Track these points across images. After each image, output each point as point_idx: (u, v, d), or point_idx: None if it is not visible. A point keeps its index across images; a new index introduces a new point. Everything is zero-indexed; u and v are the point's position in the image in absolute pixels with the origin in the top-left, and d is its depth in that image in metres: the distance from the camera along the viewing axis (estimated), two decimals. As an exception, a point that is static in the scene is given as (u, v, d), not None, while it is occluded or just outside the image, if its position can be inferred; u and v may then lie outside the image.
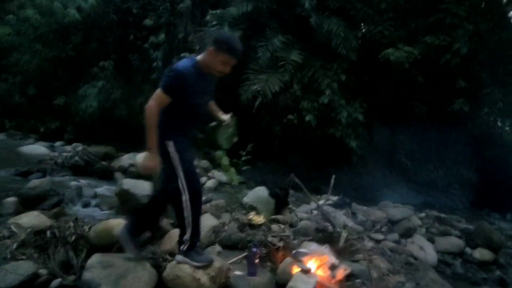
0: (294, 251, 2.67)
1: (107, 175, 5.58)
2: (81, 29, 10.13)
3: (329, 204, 4.56)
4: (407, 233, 4.25)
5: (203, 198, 2.82)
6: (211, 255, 2.25)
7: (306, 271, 2.38)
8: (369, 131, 7.79)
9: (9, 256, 2.03)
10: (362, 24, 7.30)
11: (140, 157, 6.01)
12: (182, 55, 8.73)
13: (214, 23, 8.08)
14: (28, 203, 3.43)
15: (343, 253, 3.12)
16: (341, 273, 2.56)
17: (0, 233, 2.22)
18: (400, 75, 6.93)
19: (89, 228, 2.30)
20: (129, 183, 2.97)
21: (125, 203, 2.92)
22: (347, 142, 7.03)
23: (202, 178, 5.91)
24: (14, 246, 2.07)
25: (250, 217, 3.02)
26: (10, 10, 9.88)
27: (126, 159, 5.89)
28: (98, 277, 1.90)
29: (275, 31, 7.31)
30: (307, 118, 7.14)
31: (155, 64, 9.35)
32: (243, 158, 3.89)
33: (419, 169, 7.63)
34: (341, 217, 4.07)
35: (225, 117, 2.30)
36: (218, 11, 8.05)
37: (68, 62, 10.36)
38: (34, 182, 3.60)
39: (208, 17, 8.22)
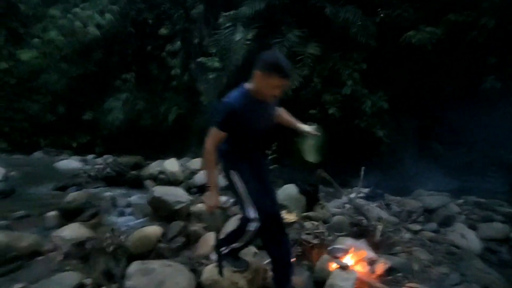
0: (330, 248, 2.61)
1: (137, 184, 5.73)
2: (102, 45, 10.50)
3: (361, 197, 4.45)
4: (446, 222, 4.06)
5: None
6: (247, 258, 2.25)
7: (344, 268, 2.32)
8: (396, 119, 7.52)
9: (55, 268, 2.13)
10: (380, 9, 7.05)
11: (167, 164, 6.16)
12: (198, 60, 8.87)
13: (227, 24, 8.12)
14: (68, 216, 3.57)
15: (381, 246, 3.02)
16: (380, 267, 2.48)
17: (45, 247, 2.32)
18: (424, 58, 6.63)
19: (126, 238, 2.35)
20: (160, 191, 3.03)
21: (157, 210, 2.98)
22: (374, 132, 6.83)
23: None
24: (59, 258, 2.16)
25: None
26: (35, 34, 10.40)
27: (154, 167, 6.03)
28: (138, 285, 1.95)
29: (290, 27, 7.22)
30: (330, 111, 7.01)
31: (173, 71, 9.55)
32: (269, 157, 3.86)
33: (451, 154, 7.27)
34: (374, 209, 3.95)
35: (308, 128, 2.15)
36: (231, 13, 8.07)
37: (93, 78, 10.79)
38: (72, 196, 3.75)
39: (221, 20, 8.27)
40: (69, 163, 7.46)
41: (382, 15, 6.73)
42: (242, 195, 1.89)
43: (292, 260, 2.06)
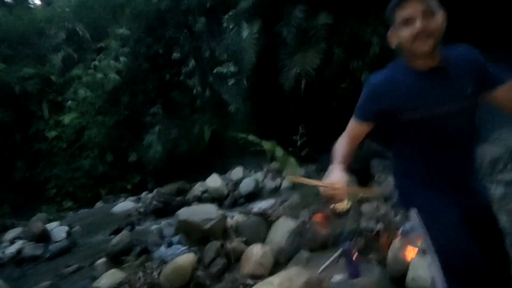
0: (400, 230, 2.07)
1: (185, 209, 5.61)
2: (126, 89, 10.92)
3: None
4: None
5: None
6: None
7: (425, 251, 1.77)
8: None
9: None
10: None
11: (209, 181, 5.99)
12: (214, 71, 8.71)
13: (231, 26, 7.86)
14: (115, 259, 3.48)
15: None
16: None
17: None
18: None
19: (159, 274, 2.07)
20: (185, 212, 2.79)
21: (189, 234, 2.69)
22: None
23: (274, 181, 5.56)
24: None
25: (332, 206, 2.50)
26: (69, 97, 11.18)
27: (197, 188, 5.89)
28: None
29: (293, 4, 6.68)
30: (362, 78, 6.28)
31: (194, 91, 9.52)
32: (298, 143, 3.39)
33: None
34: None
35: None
36: (230, 13, 7.80)
37: (127, 122, 11.25)
38: (116, 239, 3.67)
39: (224, 24, 8.03)
40: (124, 205, 7.69)
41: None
42: (426, 240, 1.17)
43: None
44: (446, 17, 1.12)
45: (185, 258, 2.16)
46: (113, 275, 2.40)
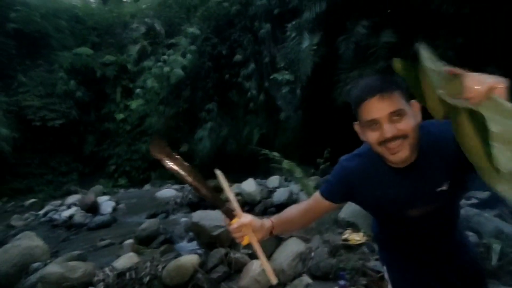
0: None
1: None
2: (188, 84, 11.65)
3: (471, 204, 3.35)
4: None
5: None
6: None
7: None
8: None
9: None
10: None
11: (245, 184, 6.10)
12: (271, 77, 8.84)
13: (293, 35, 7.90)
14: (142, 243, 3.76)
15: (499, 275, 2.09)
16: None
17: (96, 277, 2.37)
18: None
19: (163, 268, 2.21)
20: (198, 215, 2.87)
21: (199, 236, 2.80)
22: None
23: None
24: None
25: (345, 236, 2.41)
26: (139, 85, 12.29)
27: (233, 189, 6.03)
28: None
29: (356, 20, 6.48)
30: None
31: (249, 94, 9.77)
32: (321, 166, 3.28)
33: None
34: (491, 221, 2.88)
35: None
36: (294, 22, 7.85)
37: (184, 114, 11.99)
38: (146, 224, 3.95)
39: (288, 32, 8.11)
40: (167, 192, 8.20)
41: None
42: None
43: None
44: (420, 108, 0.91)
45: (188, 258, 2.27)
46: (130, 258, 2.62)
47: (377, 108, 0.87)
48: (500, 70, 4.16)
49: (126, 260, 2.59)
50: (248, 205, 5.64)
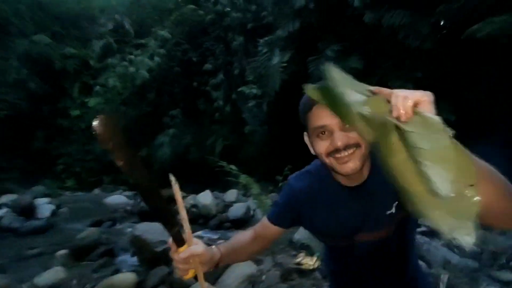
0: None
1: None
2: (154, 87, 11.24)
3: (420, 232, 3.42)
4: (557, 269, 2.81)
5: None
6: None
7: None
8: (467, 133, 6.15)
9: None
10: (435, 6, 6.09)
11: (201, 196, 5.85)
12: (239, 89, 8.78)
13: (264, 50, 7.95)
14: (78, 254, 3.36)
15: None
16: None
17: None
18: (498, 57, 5.39)
19: (93, 286, 1.93)
20: (143, 227, 2.61)
21: (140, 252, 2.53)
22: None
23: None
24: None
25: (299, 259, 2.29)
26: (100, 83, 11.63)
27: (188, 201, 5.75)
28: None
29: (327, 42, 6.67)
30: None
31: (216, 103, 9.62)
32: (280, 184, 3.20)
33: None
34: (439, 250, 2.94)
35: None
36: (267, 38, 7.92)
37: (147, 118, 11.50)
38: (85, 232, 3.57)
39: (260, 47, 8.15)
40: (117, 198, 7.66)
41: (439, 9, 5.76)
42: None
43: None
44: None
45: (123, 277, 2.00)
46: (56, 273, 2.28)
47: (327, 113, 0.75)
48: (450, 106, 4.36)
49: (52, 275, 2.25)
50: (203, 218, 5.40)
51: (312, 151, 0.87)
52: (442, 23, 6.35)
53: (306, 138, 0.88)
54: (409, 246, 0.99)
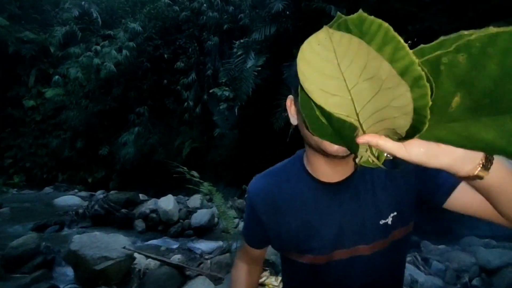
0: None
1: (127, 224, 5.07)
2: (121, 81, 10.61)
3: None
4: (516, 288, 2.84)
5: None
6: None
7: None
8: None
9: None
10: (406, 25, 6.27)
11: (162, 201, 5.47)
12: (211, 91, 8.49)
13: (239, 53, 7.76)
14: (10, 265, 2.91)
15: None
16: None
17: None
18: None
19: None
20: (82, 240, 2.26)
21: (77, 269, 2.19)
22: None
23: (234, 221, 5.12)
24: None
25: (262, 279, 2.07)
26: (61, 73, 10.78)
27: (148, 205, 5.36)
28: None
29: (302, 49, 6.62)
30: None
31: (186, 104, 9.25)
32: (246, 195, 2.99)
33: None
34: (406, 268, 2.86)
35: None
36: (242, 40, 7.74)
37: (112, 113, 10.81)
38: (21, 239, 3.11)
39: (235, 49, 7.95)
40: (70, 199, 7.03)
41: (409, 28, 5.93)
42: None
43: None
44: None
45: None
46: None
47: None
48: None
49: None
50: (163, 224, 5.04)
51: (293, 121, 0.70)
52: (409, 42, 6.56)
53: (289, 103, 0.71)
54: (400, 272, 0.80)
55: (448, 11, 5.79)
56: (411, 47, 0.34)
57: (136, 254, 2.34)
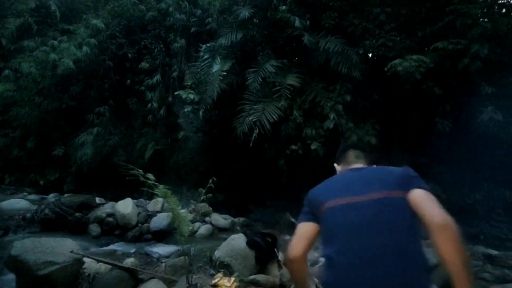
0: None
1: (80, 229, 4.83)
2: (80, 79, 10.11)
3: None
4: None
5: None
6: None
7: None
8: (387, 156, 6.79)
9: None
10: (363, 40, 6.65)
11: (120, 205, 5.28)
12: (176, 93, 8.38)
13: (206, 56, 7.76)
14: None
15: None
16: None
17: None
18: (414, 89, 6.08)
19: None
20: (25, 245, 2.14)
21: (19, 275, 2.07)
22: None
23: (195, 224, 5.08)
24: None
25: (216, 280, 2.11)
26: (13, 67, 10.03)
27: (104, 209, 5.15)
28: None
29: (267, 57, 6.79)
30: (312, 147, 6.31)
31: (150, 105, 9.03)
32: (201, 197, 3.00)
33: (451, 195, 6.43)
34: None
35: None
36: (208, 44, 7.76)
37: (68, 112, 10.23)
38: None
39: (201, 53, 7.94)
40: (17, 202, 6.56)
41: (366, 43, 6.29)
42: None
43: None
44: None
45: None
46: None
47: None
48: (377, 125, 4.73)
49: None
50: (120, 229, 4.87)
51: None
52: (370, 55, 6.99)
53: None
54: (408, 223, 1.12)
55: (400, 30, 6.25)
56: (368, 61, 0.41)
57: (86, 259, 2.26)
